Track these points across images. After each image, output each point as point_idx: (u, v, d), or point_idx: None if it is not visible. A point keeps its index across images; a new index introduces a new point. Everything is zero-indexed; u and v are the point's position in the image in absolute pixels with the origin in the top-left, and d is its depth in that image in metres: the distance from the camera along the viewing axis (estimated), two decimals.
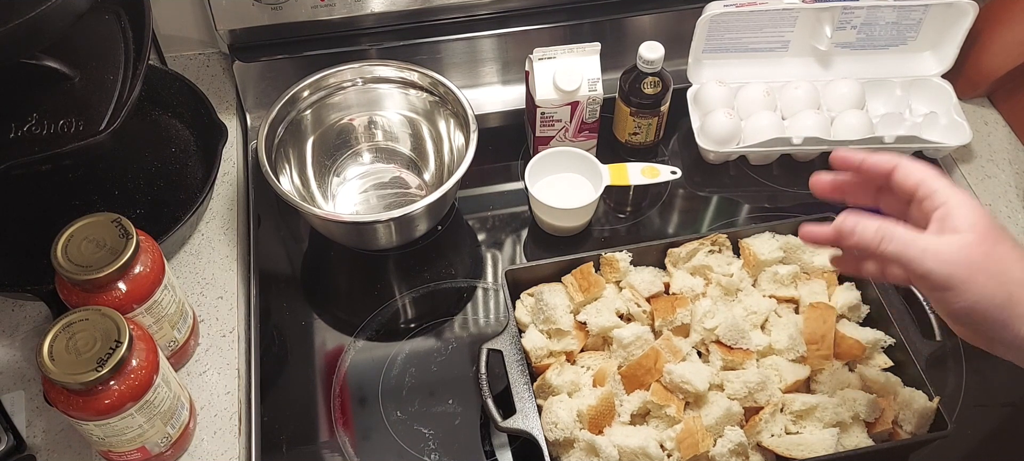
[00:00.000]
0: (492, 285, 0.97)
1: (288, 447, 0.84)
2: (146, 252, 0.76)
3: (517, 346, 0.81)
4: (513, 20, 1.11)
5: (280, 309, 0.95)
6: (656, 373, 0.79)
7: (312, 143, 1.03)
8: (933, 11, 1.06)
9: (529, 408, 0.78)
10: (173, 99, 1.02)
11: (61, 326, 0.69)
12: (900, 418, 0.78)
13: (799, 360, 0.82)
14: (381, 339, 0.92)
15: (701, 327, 0.82)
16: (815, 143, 1.02)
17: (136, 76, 0.80)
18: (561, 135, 1.03)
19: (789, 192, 1.06)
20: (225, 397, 0.85)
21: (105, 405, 0.68)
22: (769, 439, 0.77)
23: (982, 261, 0.58)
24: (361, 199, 1.04)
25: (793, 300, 0.87)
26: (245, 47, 1.08)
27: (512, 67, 1.14)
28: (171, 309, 0.80)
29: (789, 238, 0.89)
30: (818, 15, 1.06)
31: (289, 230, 1.02)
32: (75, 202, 0.88)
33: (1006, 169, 1.06)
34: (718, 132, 1.03)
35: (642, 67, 0.99)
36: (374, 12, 1.07)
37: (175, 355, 0.84)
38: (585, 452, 0.75)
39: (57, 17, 0.71)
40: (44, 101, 0.80)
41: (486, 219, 1.03)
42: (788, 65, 1.12)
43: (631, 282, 0.86)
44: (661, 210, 1.05)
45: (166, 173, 0.97)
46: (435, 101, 1.01)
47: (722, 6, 1.03)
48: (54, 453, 0.80)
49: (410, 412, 0.86)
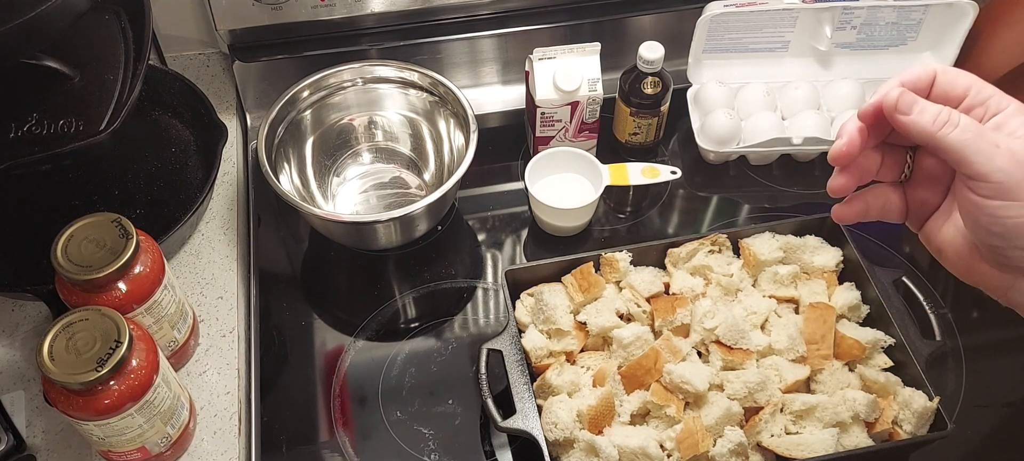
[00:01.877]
0: (492, 285, 0.97)
1: (288, 447, 0.84)
2: (146, 252, 0.76)
3: (517, 346, 0.81)
4: (513, 20, 1.12)
5: (280, 309, 0.95)
6: (656, 373, 0.79)
7: (312, 143, 1.03)
8: (933, 11, 1.06)
9: (529, 408, 0.78)
10: (173, 99, 1.02)
11: (61, 326, 0.69)
12: (900, 418, 0.78)
13: (799, 360, 0.82)
14: (381, 339, 0.92)
15: (701, 327, 0.82)
16: (815, 143, 1.02)
17: (136, 76, 0.80)
18: (561, 135, 1.03)
19: (789, 192, 1.06)
20: (225, 397, 0.85)
21: (105, 405, 0.68)
22: (769, 439, 0.77)
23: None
24: (361, 199, 1.04)
25: (793, 300, 0.87)
26: (245, 47, 1.08)
27: (512, 67, 1.14)
28: (171, 309, 0.80)
29: (789, 238, 0.89)
30: (818, 15, 1.06)
31: (289, 230, 1.02)
32: (75, 202, 0.88)
33: None
34: (718, 132, 1.03)
35: (642, 67, 0.99)
36: (374, 12, 1.07)
37: (175, 355, 0.84)
38: (585, 452, 0.75)
39: (57, 17, 0.71)
40: (44, 101, 0.79)
41: (486, 219, 1.03)
42: (788, 65, 1.12)
43: (631, 282, 0.86)
44: (661, 210, 1.05)
45: (166, 173, 0.97)
46: (435, 101, 1.01)
47: (722, 6, 1.03)
48: (54, 453, 0.80)
49: (410, 412, 0.86)
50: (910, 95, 0.51)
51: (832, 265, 0.88)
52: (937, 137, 0.50)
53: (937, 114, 0.51)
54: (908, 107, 0.51)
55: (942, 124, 0.50)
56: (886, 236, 1.00)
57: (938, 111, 0.51)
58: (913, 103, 0.51)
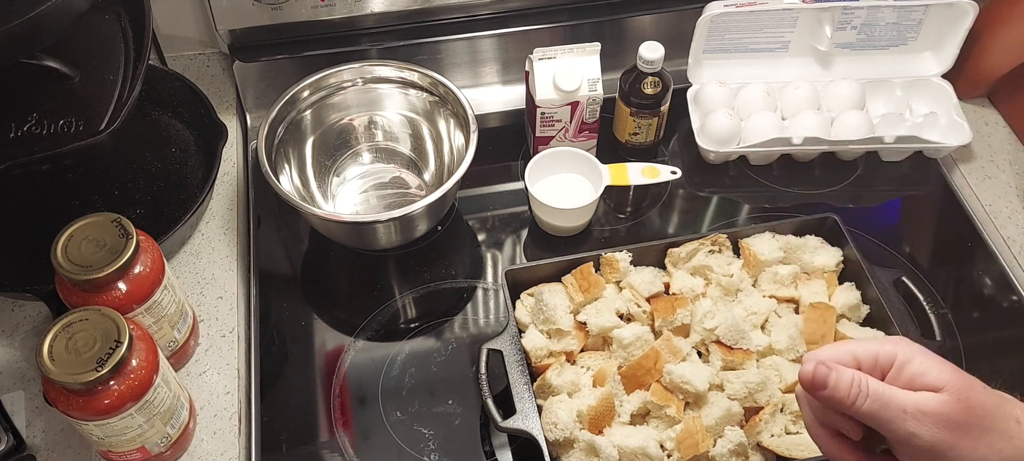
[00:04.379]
0: (492, 285, 0.97)
1: (288, 447, 0.84)
2: (146, 252, 0.76)
3: (517, 346, 0.81)
4: (513, 20, 1.12)
5: (280, 309, 0.95)
6: (656, 373, 0.79)
7: (312, 143, 1.03)
8: (933, 11, 1.06)
9: (529, 408, 0.78)
10: (173, 99, 1.02)
11: (61, 326, 0.69)
12: None
13: (799, 360, 0.81)
14: (381, 339, 0.92)
15: (701, 327, 0.82)
16: (815, 143, 1.02)
17: (136, 76, 0.80)
18: (561, 135, 1.03)
19: (789, 192, 1.06)
20: (225, 397, 0.85)
21: (105, 405, 0.68)
22: (769, 439, 0.77)
23: (966, 420, 0.52)
24: (361, 199, 1.04)
25: (793, 300, 0.87)
26: (245, 47, 1.08)
27: (512, 67, 1.14)
28: (171, 309, 0.80)
29: (789, 238, 0.89)
30: (818, 15, 1.06)
31: (289, 230, 1.02)
32: (75, 202, 0.88)
33: (1006, 169, 1.06)
34: (718, 132, 1.03)
35: (642, 67, 0.99)
36: (374, 12, 1.07)
37: (175, 355, 0.84)
38: (585, 452, 0.75)
39: (57, 17, 0.71)
40: (44, 101, 0.80)
41: (486, 219, 1.03)
42: (788, 65, 1.12)
43: (631, 282, 0.86)
44: (661, 210, 1.05)
45: (166, 173, 0.97)
46: (435, 101, 1.01)
47: (722, 6, 1.03)
48: (54, 453, 0.80)
49: (410, 412, 0.86)
50: (824, 368, 0.54)
51: (832, 265, 0.88)
52: (852, 410, 0.54)
53: (849, 388, 0.54)
54: (823, 381, 0.54)
55: (854, 398, 0.53)
56: (886, 236, 1.00)
57: (850, 383, 0.54)
58: (827, 376, 0.54)
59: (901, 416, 0.52)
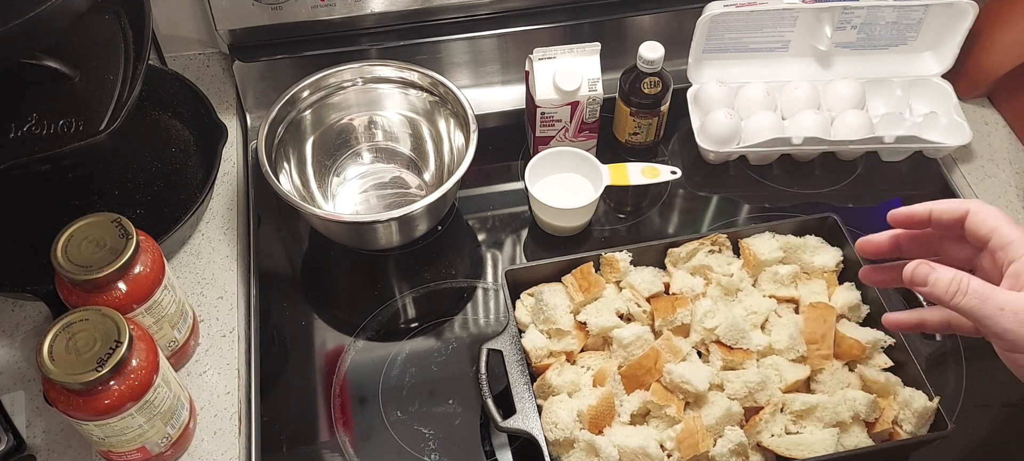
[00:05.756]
0: (492, 285, 0.97)
1: (288, 447, 0.84)
2: (146, 252, 0.76)
3: (517, 346, 0.81)
4: (513, 20, 1.12)
5: (280, 309, 0.95)
6: (656, 373, 0.79)
7: (312, 143, 1.03)
8: (933, 11, 1.06)
9: (529, 408, 0.78)
10: (173, 99, 1.02)
11: (61, 326, 0.69)
12: (900, 418, 0.78)
13: (799, 360, 0.82)
14: (381, 339, 0.92)
15: (701, 327, 0.82)
16: (815, 143, 1.02)
17: (136, 76, 0.80)
18: (561, 135, 1.03)
19: (789, 192, 1.06)
20: (225, 397, 0.85)
21: (105, 405, 0.68)
22: (769, 439, 0.77)
23: None
24: (361, 199, 1.04)
25: (793, 300, 0.87)
26: (245, 47, 1.08)
27: (512, 67, 1.14)
28: (171, 309, 0.80)
29: (789, 238, 0.89)
30: (818, 15, 1.06)
31: (289, 230, 1.02)
32: (75, 202, 0.89)
33: (1006, 169, 1.06)
34: (718, 132, 1.03)
35: (642, 67, 0.99)
36: (374, 12, 1.07)
37: (175, 355, 0.84)
38: (585, 452, 0.75)
39: (57, 17, 0.71)
40: (44, 101, 0.80)
41: (486, 219, 1.03)
42: (788, 65, 1.12)
43: (631, 282, 0.86)
44: (661, 210, 1.05)
45: (166, 173, 0.97)
46: (435, 101, 1.01)
47: (722, 6, 1.03)
48: (54, 453, 0.80)
49: (410, 412, 0.86)
50: (924, 267, 0.59)
51: (832, 265, 0.88)
52: (951, 305, 0.58)
53: (948, 284, 0.58)
54: (924, 279, 0.59)
55: (953, 293, 0.57)
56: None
57: (949, 281, 0.57)
58: (928, 274, 0.59)
59: (998, 313, 0.56)
